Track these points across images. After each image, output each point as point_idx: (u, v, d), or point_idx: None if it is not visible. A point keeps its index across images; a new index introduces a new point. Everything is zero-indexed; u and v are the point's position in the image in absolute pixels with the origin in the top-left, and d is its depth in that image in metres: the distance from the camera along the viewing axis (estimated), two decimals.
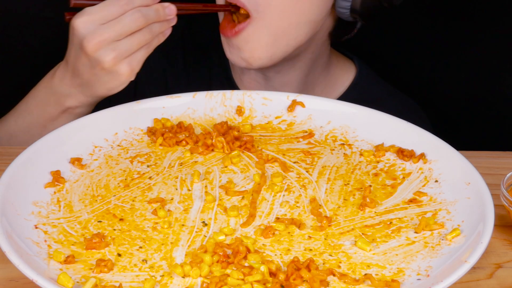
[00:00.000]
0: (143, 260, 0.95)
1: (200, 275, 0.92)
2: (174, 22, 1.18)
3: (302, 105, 1.21)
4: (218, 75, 1.43)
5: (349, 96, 1.40)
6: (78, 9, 1.17)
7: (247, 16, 1.26)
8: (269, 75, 1.36)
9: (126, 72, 1.15)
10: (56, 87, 1.23)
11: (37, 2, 1.52)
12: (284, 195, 1.06)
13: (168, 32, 1.17)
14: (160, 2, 1.17)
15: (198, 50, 1.45)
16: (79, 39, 1.15)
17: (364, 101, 1.37)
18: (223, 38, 1.29)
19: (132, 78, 1.17)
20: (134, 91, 1.41)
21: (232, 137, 1.14)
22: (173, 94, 1.21)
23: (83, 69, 1.17)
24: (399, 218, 1.03)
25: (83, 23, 1.14)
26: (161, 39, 1.17)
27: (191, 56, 1.44)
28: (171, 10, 1.16)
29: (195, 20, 1.45)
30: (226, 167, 1.11)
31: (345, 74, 1.42)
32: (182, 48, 1.45)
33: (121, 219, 1.01)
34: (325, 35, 1.35)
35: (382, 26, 1.54)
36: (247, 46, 1.26)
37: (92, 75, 1.17)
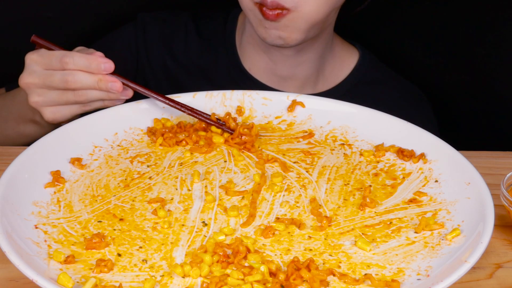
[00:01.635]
0: (143, 260, 0.95)
1: (200, 275, 0.92)
2: (127, 96, 1.18)
3: (302, 105, 1.21)
4: (224, 63, 1.43)
5: (354, 78, 1.42)
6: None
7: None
8: (288, 53, 1.37)
9: (48, 116, 1.20)
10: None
11: (37, 2, 1.52)
12: (284, 195, 1.06)
13: (117, 102, 1.19)
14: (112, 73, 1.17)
15: (203, 41, 1.46)
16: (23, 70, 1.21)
17: (369, 84, 1.39)
18: (257, 21, 1.29)
19: (57, 122, 1.21)
20: (137, 79, 1.43)
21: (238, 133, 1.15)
22: (179, 85, 1.22)
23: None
24: (399, 218, 1.03)
25: (30, 59, 1.19)
26: (108, 104, 1.19)
27: (195, 47, 1.45)
28: (114, 86, 1.17)
29: (198, 12, 1.47)
30: (226, 160, 1.11)
31: (350, 57, 1.45)
32: (185, 39, 1.46)
33: (121, 219, 1.01)
34: (336, 13, 1.37)
35: (382, 26, 1.54)
36: (286, 29, 1.28)
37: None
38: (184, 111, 1.18)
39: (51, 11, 1.51)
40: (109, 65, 1.16)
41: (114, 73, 1.17)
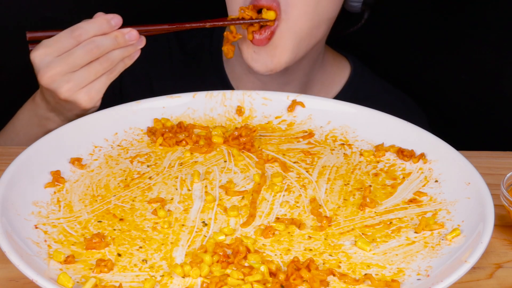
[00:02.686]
0: (143, 260, 0.95)
1: (200, 275, 0.92)
2: (141, 44, 1.17)
3: (302, 105, 1.21)
4: (212, 80, 1.42)
5: (346, 94, 1.40)
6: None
7: (271, 21, 1.25)
8: (274, 75, 1.35)
9: (84, 101, 1.16)
10: (36, 110, 1.25)
11: (37, 2, 1.52)
12: (284, 195, 1.06)
13: (136, 55, 1.17)
14: (123, 25, 1.16)
15: (187, 57, 1.44)
16: (36, 72, 1.16)
17: (360, 99, 1.37)
18: (246, 47, 1.27)
19: (95, 105, 1.17)
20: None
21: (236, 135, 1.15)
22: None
23: (48, 98, 1.20)
24: (399, 218, 1.03)
25: (39, 56, 1.15)
26: (128, 62, 1.18)
27: (179, 64, 1.43)
28: (131, 36, 1.15)
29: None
30: (225, 160, 1.11)
31: (341, 72, 1.42)
32: (169, 57, 1.44)
33: (121, 219, 1.01)
34: (328, 31, 1.35)
35: (381, 25, 1.54)
36: (276, 51, 1.25)
37: (56, 103, 1.19)
38: (203, 25, 1.18)
39: (51, 11, 1.51)
40: (118, 19, 1.15)
41: None
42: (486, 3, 1.45)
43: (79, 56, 1.13)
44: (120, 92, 1.41)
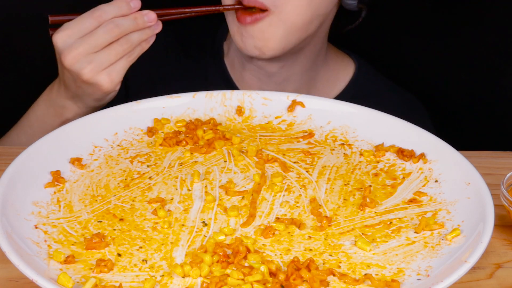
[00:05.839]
0: (143, 260, 0.95)
1: (200, 275, 0.92)
2: (158, 29, 1.20)
3: (302, 105, 1.21)
4: (214, 75, 1.42)
5: (349, 92, 1.41)
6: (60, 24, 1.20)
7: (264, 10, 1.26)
8: (272, 70, 1.36)
9: (106, 83, 1.18)
10: (54, 99, 1.27)
11: (37, 2, 1.52)
12: (284, 195, 1.06)
13: (152, 39, 1.20)
14: (140, 10, 1.17)
15: (192, 51, 1.45)
16: (58, 54, 1.19)
17: (364, 97, 1.38)
18: (235, 28, 1.29)
19: (115, 88, 1.20)
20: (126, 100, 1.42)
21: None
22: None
23: (69, 82, 1.21)
24: (399, 218, 1.03)
25: (61, 38, 1.17)
26: (145, 46, 1.20)
27: (182, 60, 1.44)
28: (150, 17, 1.17)
29: (182, 25, 1.46)
30: (225, 162, 1.11)
31: (345, 70, 1.43)
32: (172, 52, 1.45)
33: (121, 219, 1.01)
34: (327, 27, 1.35)
35: (381, 25, 1.54)
36: (262, 35, 1.27)
37: (77, 88, 1.21)
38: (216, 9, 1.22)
39: (51, 11, 1.51)
40: (137, 1, 1.17)
41: None
42: (486, 3, 1.45)
43: (100, 36, 1.16)
44: (126, 93, 1.42)
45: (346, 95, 1.40)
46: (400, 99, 1.45)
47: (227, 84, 1.41)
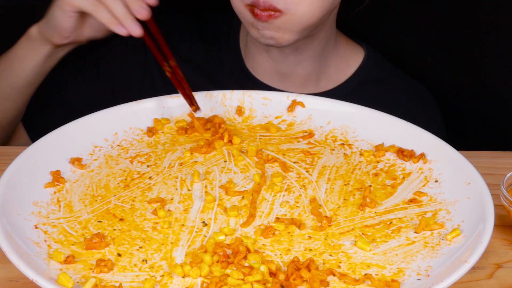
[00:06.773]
0: (143, 260, 0.95)
1: (200, 275, 0.92)
2: (136, 28, 1.18)
3: (302, 105, 1.21)
4: (227, 61, 1.43)
5: (359, 77, 1.42)
6: None
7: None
8: (287, 51, 1.37)
9: (59, 11, 1.23)
10: (32, 35, 1.30)
11: (37, 2, 1.52)
12: (284, 195, 1.06)
13: (121, 27, 1.19)
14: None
15: (208, 35, 1.46)
16: None
17: (373, 83, 1.39)
18: (249, 22, 1.29)
19: (59, 24, 1.24)
20: (153, 89, 1.43)
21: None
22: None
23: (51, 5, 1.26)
24: (399, 218, 1.03)
25: None
26: (112, 23, 1.19)
27: (199, 50, 1.45)
28: (142, 12, 1.18)
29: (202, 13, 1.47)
30: (225, 161, 1.11)
31: (355, 57, 1.44)
32: (189, 44, 1.46)
33: (121, 219, 1.01)
34: (336, 12, 1.37)
35: (382, 25, 1.54)
36: (278, 30, 1.28)
37: (50, 9, 1.26)
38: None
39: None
40: None
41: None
42: (486, 3, 1.45)
43: None
44: (144, 73, 1.44)
45: (355, 81, 1.42)
46: (408, 85, 1.46)
47: (241, 70, 1.42)
